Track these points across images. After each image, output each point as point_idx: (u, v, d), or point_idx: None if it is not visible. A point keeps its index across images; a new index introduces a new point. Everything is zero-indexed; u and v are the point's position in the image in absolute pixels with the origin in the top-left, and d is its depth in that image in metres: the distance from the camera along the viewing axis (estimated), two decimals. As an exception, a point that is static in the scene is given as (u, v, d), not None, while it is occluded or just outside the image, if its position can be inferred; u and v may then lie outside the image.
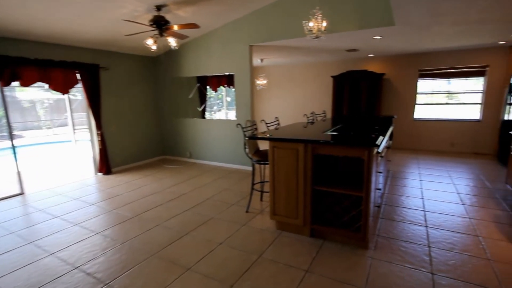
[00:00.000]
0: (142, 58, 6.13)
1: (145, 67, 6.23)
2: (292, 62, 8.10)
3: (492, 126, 6.33)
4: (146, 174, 5.43)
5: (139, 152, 6.22)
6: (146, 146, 6.39)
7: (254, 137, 3.03)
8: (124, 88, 5.80)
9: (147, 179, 5.12)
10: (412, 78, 6.98)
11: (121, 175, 5.42)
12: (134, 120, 6.07)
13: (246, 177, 5.04)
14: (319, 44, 5.25)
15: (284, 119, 8.81)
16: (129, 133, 5.97)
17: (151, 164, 6.21)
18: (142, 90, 6.20)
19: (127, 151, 5.95)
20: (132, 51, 5.76)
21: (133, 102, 6.01)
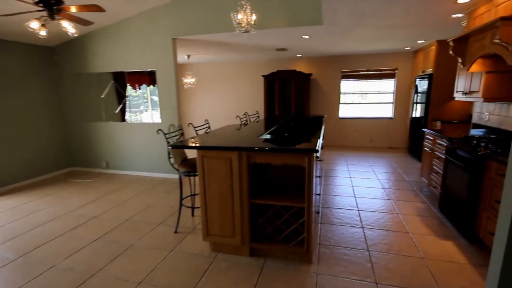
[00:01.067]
0: (37, 48, 4.90)
1: (42, 60, 5.00)
2: (222, 60, 7.71)
3: (403, 122, 7.10)
4: (45, 194, 4.32)
5: (36, 166, 4.97)
6: (47, 158, 5.16)
7: (178, 146, 2.53)
8: (10, 86, 4.52)
9: (44, 200, 4.06)
10: (336, 78, 7.35)
11: (7, 198, 4.20)
12: (29, 125, 4.81)
13: (176, 188, 4.45)
14: (249, 41, 4.98)
15: (216, 121, 8.39)
16: (20, 142, 4.70)
17: (54, 180, 5.04)
18: (40, 89, 4.96)
19: (17, 165, 4.68)
20: (21, 38, 4.52)
21: (26, 103, 4.75)
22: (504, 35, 2.28)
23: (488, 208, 2.46)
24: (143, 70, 4.89)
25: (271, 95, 7.49)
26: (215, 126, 8.48)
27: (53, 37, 4.70)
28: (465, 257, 2.46)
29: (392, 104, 7.16)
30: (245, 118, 4.72)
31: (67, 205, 3.86)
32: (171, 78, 4.65)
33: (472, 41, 3.03)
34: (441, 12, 3.39)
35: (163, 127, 4.82)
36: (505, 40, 2.29)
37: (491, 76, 3.20)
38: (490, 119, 3.61)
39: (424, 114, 5.62)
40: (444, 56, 5.27)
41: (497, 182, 2.36)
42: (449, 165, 3.20)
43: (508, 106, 3.25)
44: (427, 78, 5.51)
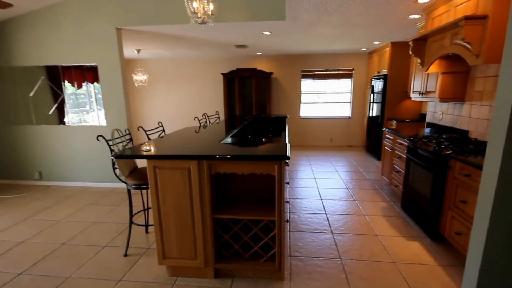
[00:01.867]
0: None
1: None
2: (178, 56, 7.17)
3: (360, 121, 7.32)
4: (-46, 216, 3.49)
5: None
6: (-43, 170, 4.21)
7: (123, 156, 2.11)
8: None
9: (-47, 225, 3.26)
10: (296, 78, 7.30)
11: None
12: None
13: (126, 200, 3.92)
14: (206, 35, 4.61)
15: (172, 123, 7.83)
16: None
17: (-31, 197, 4.13)
18: None
19: None
20: None
21: None
22: (467, 34, 2.29)
23: (453, 207, 2.48)
24: (83, 65, 4.23)
25: (231, 94, 7.18)
26: (172, 129, 7.91)
27: (-39, 22, 3.83)
28: (433, 258, 2.45)
29: (350, 103, 7.33)
30: (205, 120, 4.36)
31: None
32: (117, 74, 4.08)
33: (431, 42, 3.08)
34: (400, 12, 3.41)
35: (108, 131, 4.23)
36: (468, 39, 2.29)
37: (446, 77, 3.30)
38: (443, 118, 3.76)
39: (381, 113, 5.80)
40: (397, 57, 5.48)
41: (461, 182, 2.37)
42: (411, 164, 3.22)
43: (461, 106, 3.38)
44: (383, 78, 5.69)
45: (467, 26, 2.27)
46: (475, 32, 2.28)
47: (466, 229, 2.30)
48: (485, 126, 2.97)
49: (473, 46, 2.30)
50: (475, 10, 2.38)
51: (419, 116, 5.62)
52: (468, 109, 3.26)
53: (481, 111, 3.03)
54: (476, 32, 2.28)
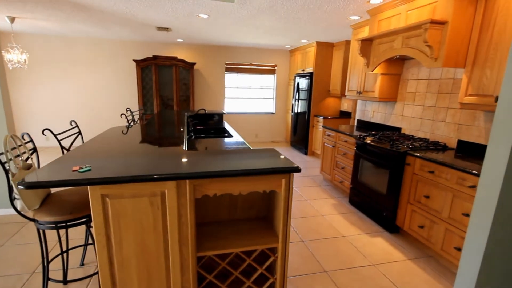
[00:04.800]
0: None
1: None
2: (73, 33, 5.55)
3: (282, 117, 7.49)
4: None
5: None
6: None
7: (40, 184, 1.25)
8: None
9: None
10: (220, 71, 6.84)
11: None
12: None
13: (10, 235, 2.67)
14: (124, 8, 3.63)
15: (65, 120, 6.13)
16: None
17: None
18: None
19: None
20: None
21: None
22: (430, 38, 2.41)
23: (413, 202, 2.63)
24: None
25: (147, 86, 6.10)
26: (68, 127, 6.08)
27: None
28: (401, 253, 2.55)
29: (273, 99, 7.39)
30: (131, 117, 3.43)
31: None
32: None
33: (378, 43, 3.21)
34: (345, 11, 3.45)
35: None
36: (431, 43, 2.42)
37: (384, 78, 3.54)
38: (374, 116, 4.09)
39: (307, 110, 6.01)
40: (321, 57, 5.75)
41: (423, 178, 2.52)
42: (361, 161, 3.34)
43: (393, 105, 3.72)
44: (308, 76, 5.90)
45: (431, 30, 2.39)
46: (435, 36, 2.42)
47: (430, 222, 2.46)
48: (418, 124, 3.32)
49: (433, 50, 2.44)
50: (432, 15, 2.54)
51: (339, 113, 6.11)
52: (401, 108, 3.60)
53: (414, 110, 3.39)
54: (436, 36, 2.42)
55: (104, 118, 6.35)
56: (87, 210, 1.62)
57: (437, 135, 3.05)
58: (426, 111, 3.21)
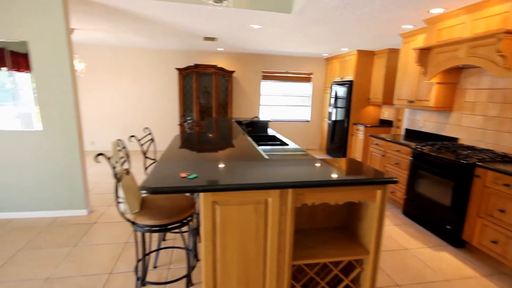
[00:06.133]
0: None
1: None
2: (122, 43, 5.86)
3: (317, 125, 7.46)
4: None
5: None
6: None
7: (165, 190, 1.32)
8: None
9: None
10: (257, 79, 6.93)
11: None
12: None
13: (82, 236, 2.82)
14: (182, 19, 3.80)
15: (113, 125, 6.43)
16: None
17: None
18: None
19: None
20: None
21: None
22: (505, 47, 2.34)
23: (484, 216, 2.53)
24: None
25: (187, 93, 6.30)
26: (115, 134, 6.43)
27: None
28: (473, 269, 2.44)
29: (309, 107, 7.38)
30: (187, 124, 3.56)
31: None
32: (62, 57, 2.92)
33: (437, 52, 3.15)
34: (399, 20, 3.42)
35: (45, 137, 3.01)
36: (505, 53, 2.35)
37: (440, 87, 3.46)
38: (425, 125, 3.99)
39: (346, 118, 5.96)
40: (362, 65, 5.71)
41: (496, 191, 2.42)
42: (418, 172, 3.25)
43: (448, 115, 3.61)
44: (347, 84, 5.86)
45: (506, 40, 2.32)
46: (509, 46, 2.35)
47: (505, 237, 2.35)
48: (478, 134, 3.20)
49: (506, 60, 2.37)
50: (503, 25, 2.47)
51: (379, 122, 6.00)
52: (457, 118, 3.49)
53: (474, 120, 3.27)
54: (510, 46, 2.35)
55: (147, 123, 6.60)
56: (181, 215, 1.69)
57: (503, 146, 2.93)
58: (488, 121, 3.09)
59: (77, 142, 3.08)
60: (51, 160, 3.07)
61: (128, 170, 1.71)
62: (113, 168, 1.53)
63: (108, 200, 3.67)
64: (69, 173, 3.13)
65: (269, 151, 2.52)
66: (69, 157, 3.09)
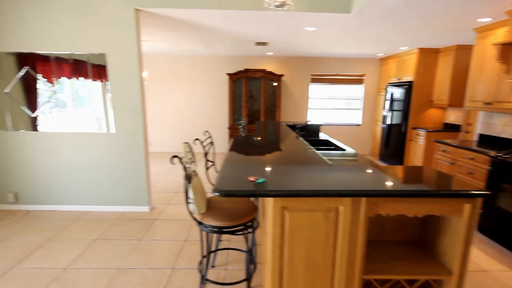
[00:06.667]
0: None
1: None
2: (177, 52, 6.25)
3: (369, 128, 7.07)
4: None
5: None
6: None
7: (236, 193, 1.35)
8: None
9: None
10: (305, 82, 6.83)
11: None
12: None
13: (147, 230, 3.03)
14: (239, 26, 3.90)
15: (166, 128, 6.87)
16: None
17: None
18: None
19: None
20: None
21: None
22: None
23: None
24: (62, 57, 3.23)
25: (237, 97, 6.45)
26: (170, 136, 6.86)
27: None
28: None
29: (360, 110, 7.04)
30: (242, 129, 3.63)
31: None
32: (133, 67, 3.19)
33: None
34: (475, 13, 3.06)
35: (117, 139, 3.30)
36: None
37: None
38: (505, 130, 3.51)
39: (403, 121, 5.54)
40: (423, 64, 5.26)
41: None
42: (499, 184, 2.86)
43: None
44: (406, 86, 5.44)
45: None
46: None
47: None
48: None
49: None
50: None
51: (443, 126, 5.46)
52: (549, 123, 3.00)
53: None
54: None
55: (198, 127, 6.91)
56: (244, 218, 1.71)
57: None
58: None
59: (142, 144, 3.33)
60: (120, 160, 3.36)
61: (195, 171, 1.78)
62: (185, 169, 1.60)
63: (166, 199, 3.90)
64: (135, 172, 3.40)
65: (327, 156, 2.44)
66: (135, 157, 3.36)
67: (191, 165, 1.69)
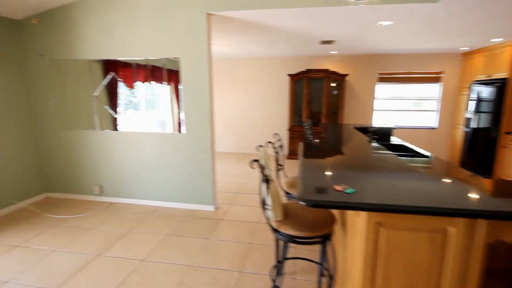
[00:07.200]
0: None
1: (2, 38, 3.40)
2: (237, 54, 6.39)
3: (446, 132, 6.26)
4: (9, 244, 2.77)
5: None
6: (7, 183, 3.54)
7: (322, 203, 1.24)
8: None
9: (10, 260, 2.53)
10: (371, 81, 6.35)
11: None
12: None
13: (213, 230, 3.09)
14: (311, 25, 3.77)
15: (225, 129, 7.05)
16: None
17: (21, 215, 3.44)
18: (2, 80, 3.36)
19: (-39, 197, 3.05)
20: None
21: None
22: None
23: None
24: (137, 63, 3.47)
25: (297, 98, 6.31)
26: (228, 136, 7.06)
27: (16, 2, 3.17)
28: None
29: (437, 112, 6.28)
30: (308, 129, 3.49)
31: (47, 270, 2.37)
32: (203, 69, 3.30)
33: None
34: None
35: (187, 140, 3.46)
36: None
37: None
38: None
39: (493, 125, 4.74)
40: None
41: None
42: None
43: None
44: (498, 84, 4.65)
45: None
46: None
47: None
48: None
49: None
50: None
51: (548, 131, 4.52)
52: None
53: None
54: None
55: (257, 128, 6.96)
56: (324, 230, 1.58)
57: None
58: None
59: (210, 145, 3.43)
60: (189, 160, 3.51)
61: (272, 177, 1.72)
62: (263, 174, 1.55)
63: (229, 199, 3.97)
64: (202, 172, 3.52)
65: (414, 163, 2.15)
66: (203, 158, 3.47)
67: (268, 170, 1.63)
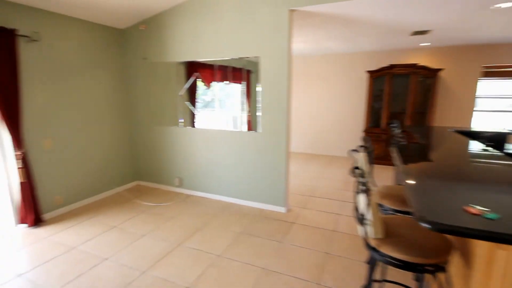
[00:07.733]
0: (103, 29, 3.78)
1: (109, 45, 3.88)
2: (311, 51, 6.12)
3: None
4: (109, 224, 3.15)
5: (95, 181, 3.86)
6: (110, 169, 4.05)
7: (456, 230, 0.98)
8: (69, 75, 3.43)
9: (108, 238, 2.85)
10: (471, 77, 5.36)
11: (60, 227, 3.08)
12: (87, 129, 3.72)
13: (286, 234, 2.97)
14: (386, 18, 3.34)
15: (296, 129, 6.86)
16: (78, 151, 3.61)
17: (118, 199, 3.90)
18: (104, 81, 3.85)
19: (73, 180, 3.59)
20: (84, 15, 3.41)
21: (86, 100, 3.66)
22: None
23: None
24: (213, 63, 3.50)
25: (376, 97, 5.75)
26: (298, 136, 6.88)
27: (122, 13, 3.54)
28: None
29: None
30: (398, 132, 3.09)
31: (138, 252, 2.58)
32: (283, 68, 3.19)
33: None
34: None
35: (262, 138, 3.40)
36: None
37: None
38: None
39: None
40: None
41: None
42: None
43: None
44: None
45: None
46: None
47: None
48: None
49: None
50: None
51: None
52: None
53: None
54: None
55: (327, 129, 6.61)
56: (439, 257, 1.29)
57: None
58: None
59: (285, 145, 3.32)
60: (264, 159, 3.47)
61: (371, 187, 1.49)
62: (363, 184, 1.34)
63: (300, 202, 3.80)
64: (276, 172, 3.43)
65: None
66: (277, 157, 3.38)
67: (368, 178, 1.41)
